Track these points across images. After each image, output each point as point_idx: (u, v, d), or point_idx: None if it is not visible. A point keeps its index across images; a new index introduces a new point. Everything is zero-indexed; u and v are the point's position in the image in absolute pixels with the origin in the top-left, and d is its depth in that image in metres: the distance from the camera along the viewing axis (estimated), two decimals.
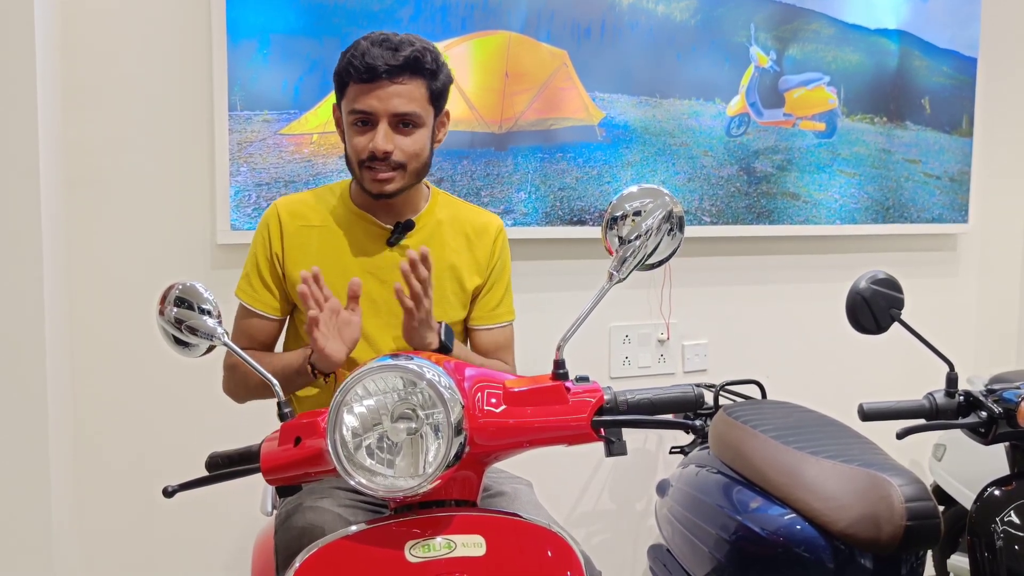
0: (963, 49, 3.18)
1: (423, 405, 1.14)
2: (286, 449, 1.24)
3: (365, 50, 1.53)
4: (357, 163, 1.58)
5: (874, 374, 3.07)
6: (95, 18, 2.25)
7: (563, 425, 1.22)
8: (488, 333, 1.75)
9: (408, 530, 1.18)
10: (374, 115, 1.54)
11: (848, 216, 3.04)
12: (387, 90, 1.53)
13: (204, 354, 1.41)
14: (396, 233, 1.65)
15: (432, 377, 1.15)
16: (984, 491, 1.76)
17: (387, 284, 1.64)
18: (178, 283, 1.39)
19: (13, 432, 1.98)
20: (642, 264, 1.30)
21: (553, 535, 1.25)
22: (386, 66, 1.51)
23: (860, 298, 1.72)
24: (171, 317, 1.36)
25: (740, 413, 2.23)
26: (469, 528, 1.19)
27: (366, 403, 1.15)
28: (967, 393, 1.71)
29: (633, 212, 1.29)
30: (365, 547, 1.18)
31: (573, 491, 2.83)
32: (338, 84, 1.61)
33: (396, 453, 1.14)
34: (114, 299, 2.30)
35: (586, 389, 1.24)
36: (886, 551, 1.73)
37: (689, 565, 2.20)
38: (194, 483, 1.27)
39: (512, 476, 1.60)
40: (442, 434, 1.13)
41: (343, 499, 1.49)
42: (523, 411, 1.22)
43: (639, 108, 2.74)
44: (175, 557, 2.42)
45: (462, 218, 1.73)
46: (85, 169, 2.26)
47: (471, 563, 1.15)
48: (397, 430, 1.14)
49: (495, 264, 1.74)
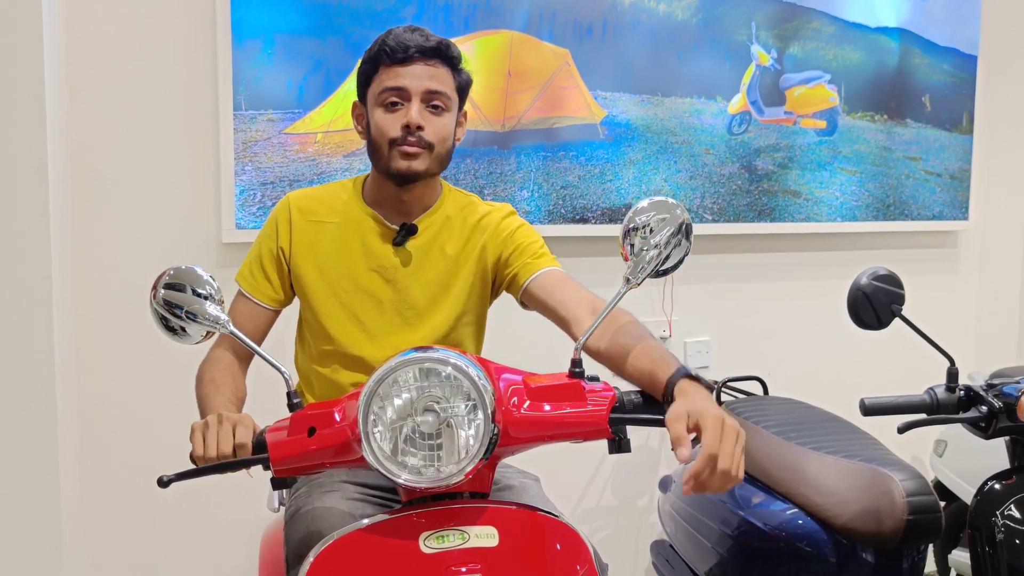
0: (963, 47, 3.19)
1: (450, 397, 1.17)
2: (299, 439, 1.24)
3: (398, 34, 1.59)
4: (388, 142, 1.59)
5: (875, 370, 3.08)
6: (101, 19, 2.27)
7: (584, 421, 1.25)
8: (539, 280, 1.64)
9: (422, 522, 1.20)
10: (406, 91, 1.58)
11: (849, 213, 3.05)
12: (420, 69, 1.58)
13: (201, 341, 1.38)
14: (401, 235, 1.66)
15: (468, 369, 1.18)
16: (984, 485, 1.76)
17: (392, 284, 1.66)
18: (172, 267, 1.36)
19: (23, 428, 2.00)
20: (655, 271, 1.34)
21: (565, 527, 1.27)
22: (419, 47, 1.58)
23: (861, 294, 1.73)
24: (161, 300, 1.33)
25: (742, 409, 2.25)
26: (482, 520, 1.20)
27: (403, 396, 1.17)
28: (968, 388, 1.71)
29: (643, 225, 1.33)
30: (380, 539, 1.19)
31: (577, 487, 2.84)
32: (368, 71, 1.63)
33: (422, 446, 1.17)
34: (119, 297, 2.31)
35: (600, 388, 1.29)
36: (888, 545, 1.75)
37: (692, 560, 2.21)
38: (190, 473, 1.25)
39: (520, 471, 1.61)
40: (477, 425, 1.17)
41: (351, 493, 1.50)
42: (545, 406, 1.25)
43: (641, 106, 2.75)
44: (182, 555, 2.43)
45: (471, 211, 1.73)
46: (91, 168, 2.28)
47: (484, 554, 1.16)
48: (428, 422, 1.17)
49: (507, 236, 1.71)
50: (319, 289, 1.67)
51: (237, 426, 1.29)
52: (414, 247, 1.67)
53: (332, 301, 1.66)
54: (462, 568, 1.14)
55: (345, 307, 1.66)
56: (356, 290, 1.66)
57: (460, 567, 1.15)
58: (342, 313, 1.66)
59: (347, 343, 1.66)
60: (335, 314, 1.66)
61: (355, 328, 1.66)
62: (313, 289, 1.67)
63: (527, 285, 1.64)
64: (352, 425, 1.19)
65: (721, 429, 1.15)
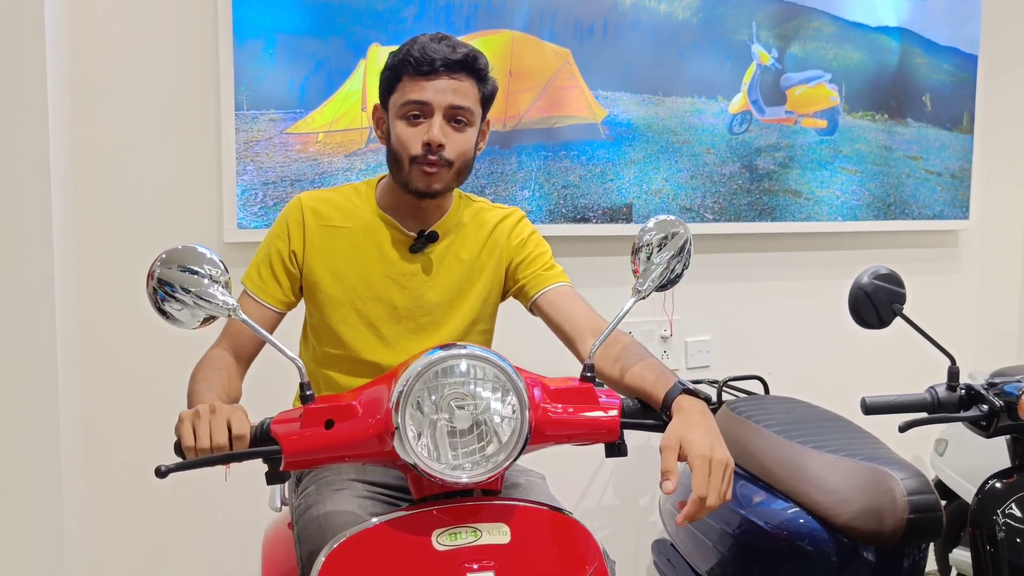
0: (963, 46, 3.20)
1: (484, 395, 1.20)
2: (315, 432, 1.24)
3: (424, 44, 1.55)
4: (408, 159, 1.57)
5: (876, 369, 3.09)
6: (102, 19, 2.27)
7: (600, 424, 1.30)
8: (548, 295, 1.68)
9: (436, 519, 1.21)
10: (429, 106, 1.55)
11: (850, 213, 3.06)
12: (444, 83, 1.54)
13: (200, 326, 1.30)
14: (419, 242, 1.65)
15: (506, 368, 1.20)
16: (985, 484, 1.77)
17: (408, 290, 1.65)
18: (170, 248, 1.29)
19: (25, 427, 2.01)
20: (661, 285, 1.43)
21: (575, 523, 1.29)
22: (445, 60, 1.54)
23: (862, 293, 1.74)
24: (157, 280, 1.25)
25: (743, 409, 2.25)
26: (494, 517, 1.22)
27: (432, 396, 1.19)
28: (968, 387, 1.72)
29: (647, 243, 1.42)
30: (394, 535, 1.20)
31: (578, 487, 2.85)
32: (391, 79, 1.60)
33: (454, 444, 1.19)
34: (121, 297, 2.32)
35: (607, 393, 1.34)
36: (888, 544, 1.75)
37: (693, 559, 2.22)
38: (188, 464, 1.22)
39: (526, 469, 1.61)
40: (513, 423, 1.19)
41: (361, 491, 1.50)
42: (566, 408, 1.30)
43: (642, 106, 2.76)
44: (183, 554, 2.44)
45: (484, 217, 1.73)
46: (92, 168, 2.28)
47: (496, 550, 1.18)
48: (463, 418, 1.19)
49: (519, 245, 1.72)
50: (334, 295, 1.65)
51: (232, 417, 1.24)
52: (430, 254, 1.67)
53: (347, 307, 1.65)
54: (475, 565, 1.16)
55: (360, 313, 1.65)
56: (371, 296, 1.65)
57: (473, 564, 1.16)
58: (356, 319, 1.65)
59: (361, 348, 1.65)
60: (349, 319, 1.65)
61: (370, 334, 1.65)
62: (327, 295, 1.65)
63: (536, 298, 1.68)
64: (384, 420, 1.19)
65: (708, 468, 1.24)
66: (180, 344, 1.81)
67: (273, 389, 1.79)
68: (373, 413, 1.22)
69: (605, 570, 1.26)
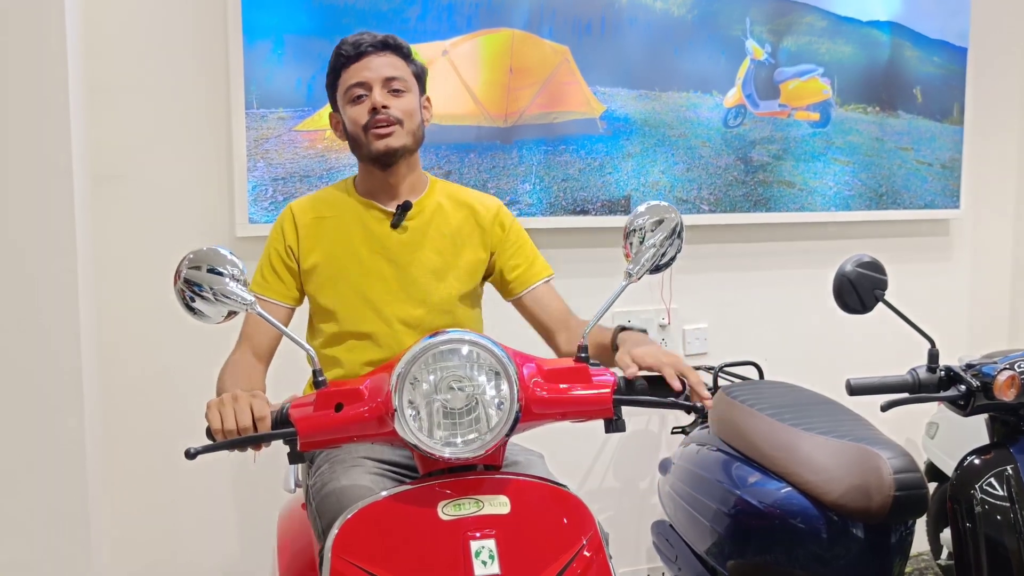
0: (953, 39, 3.23)
1: (477, 377, 1.28)
2: (326, 415, 1.33)
3: (351, 38, 1.77)
4: (362, 128, 1.73)
5: (866, 355, 3.11)
6: (117, 22, 2.33)
7: (592, 401, 1.37)
8: (534, 292, 1.86)
9: (440, 492, 1.30)
10: (367, 83, 1.73)
11: (842, 203, 3.11)
12: (375, 60, 1.74)
13: (223, 320, 1.40)
14: (398, 215, 1.78)
15: (495, 351, 1.28)
16: (964, 459, 1.82)
17: (395, 263, 1.78)
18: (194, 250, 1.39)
19: (51, 413, 2.07)
20: (652, 268, 1.49)
21: (571, 496, 1.37)
22: (372, 41, 1.75)
23: (846, 280, 1.80)
24: (184, 280, 1.36)
25: (739, 393, 2.28)
26: (495, 489, 1.31)
27: (431, 377, 1.27)
28: (948, 368, 1.78)
29: (641, 227, 1.48)
30: (401, 507, 1.29)
31: (578, 470, 2.91)
32: (333, 79, 1.80)
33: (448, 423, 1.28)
34: (138, 288, 2.38)
35: (601, 372, 1.41)
36: (876, 520, 1.79)
37: (691, 539, 2.26)
38: (215, 447, 1.32)
39: (525, 448, 1.69)
40: (503, 402, 1.28)
41: (372, 468, 1.60)
42: (557, 387, 1.36)
43: (639, 101, 2.81)
44: (201, 533, 2.51)
45: (461, 198, 1.87)
46: (109, 166, 2.35)
47: (497, 520, 1.27)
48: (457, 398, 1.27)
49: (503, 235, 1.86)
50: (329, 276, 1.78)
51: (254, 401, 1.35)
52: (412, 228, 1.79)
53: (343, 284, 1.77)
54: (477, 533, 1.25)
55: (354, 288, 1.77)
56: (363, 272, 1.77)
57: (475, 532, 1.25)
58: (352, 294, 1.77)
59: (357, 321, 1.77)
60: (346, 296, 1.77)
61: (365, 307, 1.77)
62: (324, 276, 1.78)
63: (523, 295, 1.86)
64: (385, 402, 1.28)
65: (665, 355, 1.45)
66: (194, 332, 1.89)
67: (291, 383, 1.88)
68: (376, 396, 1.31)
69: (599, 538, 1.34)
